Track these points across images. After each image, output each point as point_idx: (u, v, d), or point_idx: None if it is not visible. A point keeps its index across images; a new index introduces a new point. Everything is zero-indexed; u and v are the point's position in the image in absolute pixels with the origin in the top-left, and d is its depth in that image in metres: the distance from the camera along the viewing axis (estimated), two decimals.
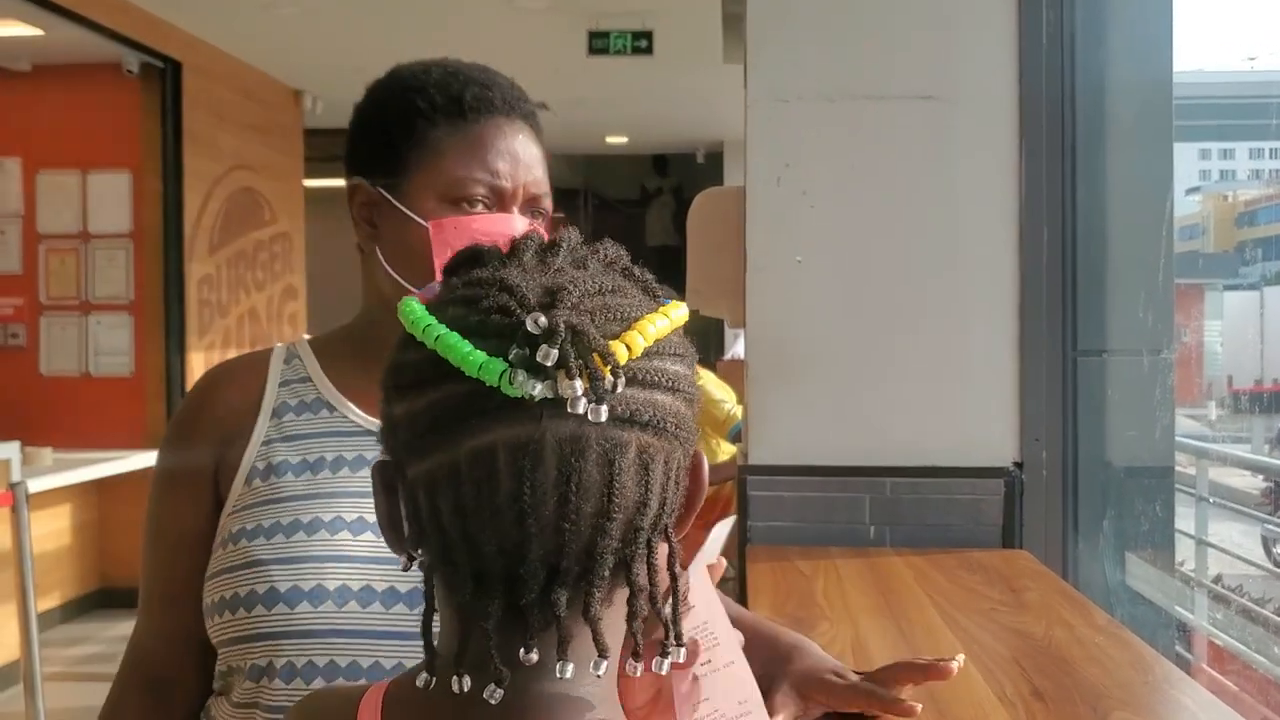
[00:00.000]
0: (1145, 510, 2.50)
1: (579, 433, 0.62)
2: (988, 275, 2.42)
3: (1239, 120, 24.47)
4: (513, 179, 1.16)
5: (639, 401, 0.65)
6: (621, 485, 0.64)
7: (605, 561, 0.64)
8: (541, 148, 1.22)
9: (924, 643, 1.68)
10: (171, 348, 6.06)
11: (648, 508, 0.65)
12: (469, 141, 1.16)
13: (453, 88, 1.17)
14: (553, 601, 0.64)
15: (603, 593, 0.65)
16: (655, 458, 0.65)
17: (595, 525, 0.63)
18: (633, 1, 5.59)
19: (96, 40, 5.48)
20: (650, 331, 0.66)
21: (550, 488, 0.62)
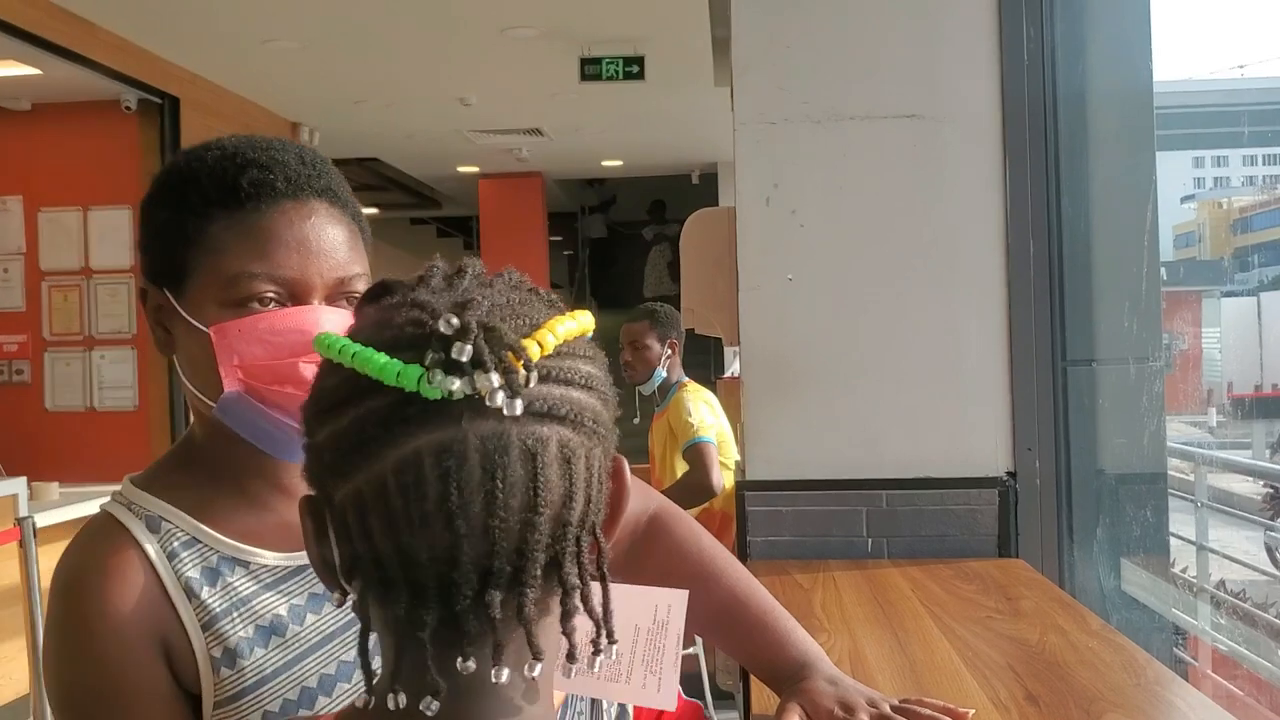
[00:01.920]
0: (1137, 516, 2.53)
1: (500, 430, 0.64)
2: (976, 288, 2.46)
3: (1231, 127, 24.55)
4: (302, 269, 1.02)
5: (555, 397, 0.66)
6: (546, 480, 0.65)
7: (536, 559, 0.65)
8: (349, 224, 1.08)
9: (920, 652, 1.71)
10: (175, 381, 6.09)
11: (574, 504, 0.67)
12: (248, 233, 1.02)
13: (228, 174, 1.04)
14: (487, 604, 0.64)
15: (535, 593, 0.65)
16: (576, 453, 0.67)
17: (524, 522, 0.64)
18: (624, 28, 5.65)
19: (95, 78, 5.53)
20: (560, 330, 0.68)
21: (476, 487, 0.63)
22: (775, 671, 1.29)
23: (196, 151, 1.08)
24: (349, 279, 1.05)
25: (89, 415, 6.07)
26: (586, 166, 9.86)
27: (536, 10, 5.38)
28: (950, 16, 2.49)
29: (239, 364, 1.01)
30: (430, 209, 11.73)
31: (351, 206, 1.10)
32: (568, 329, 0.69)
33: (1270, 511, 7.07)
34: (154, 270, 1.07)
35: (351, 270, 1.06)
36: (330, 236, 1.05)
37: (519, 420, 0.64)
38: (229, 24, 5.54)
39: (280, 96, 7.03)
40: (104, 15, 5.33)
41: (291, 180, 1.04)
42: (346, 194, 1.10)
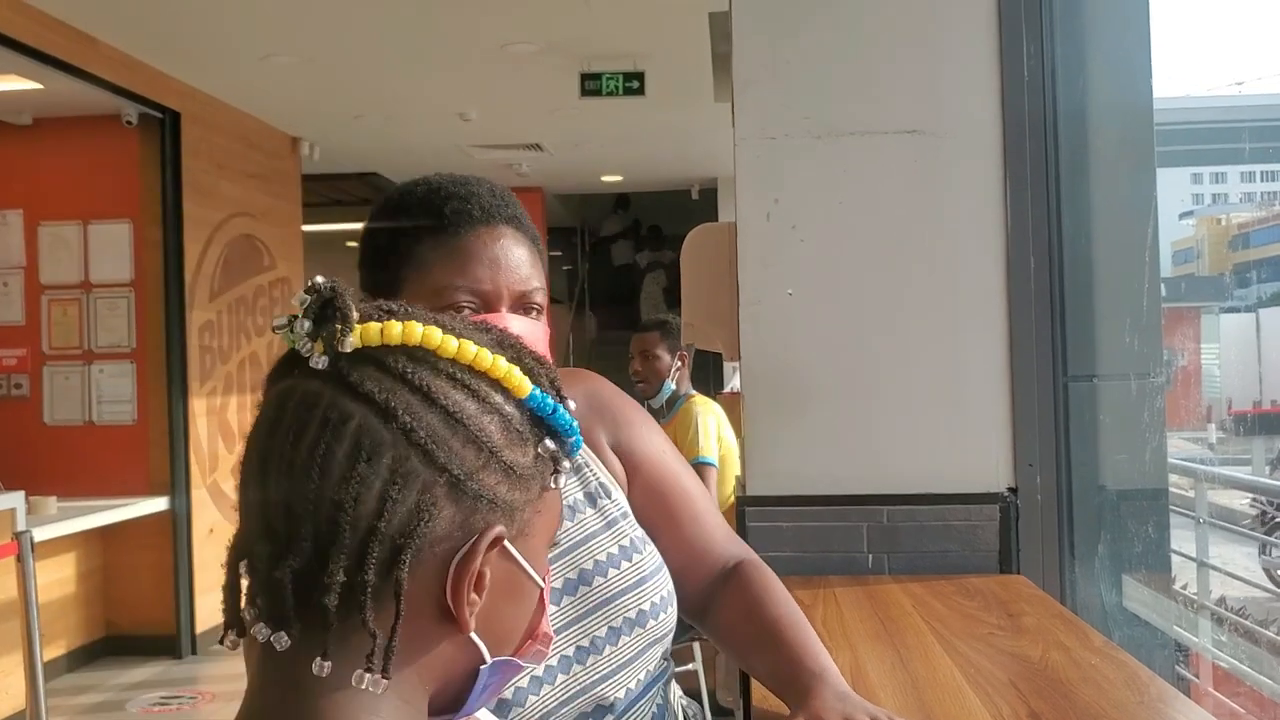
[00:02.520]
0: (1139, 532, 2.52)
1: (317, 390, 0.68)
2: (977, 304, 2.46)
3: (1229, 144, 24.60)
4: (494, 282, 1.23)
5: (376, 382, 0.68)
6: (329, 452, 0.66)
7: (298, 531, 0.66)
8: (529, 246, 1.29)
9: (922, 668, 1.70)
10: (174, 394, 6.09)
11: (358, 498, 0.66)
12: (450, 253, 1.24)
13: (433, 204, 1.26)
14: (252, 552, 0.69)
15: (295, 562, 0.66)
16: (379, 451, 0.66)
17: (294, 484, 0.67)
18: (624, 44, 5.67)
19: (96, 93, 5.54)
20: (419, 334, 0.69)
21: (281, 433, 0.68)
22: (786, 683, 1.30)
23: (408, 186, 1.31)
24: (530, 292, 1.26)
25: (88, 429, 6.07)
26: (586, 182, 9.88)
27: (537, 26, 5.40)
28: (951, 32, 2.50)
29: None
30: None
31: (531, 231, 1.31)
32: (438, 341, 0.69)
33: (1265, 528, 7.07)
34: (371, 283, 1.30)
35: (532, 284, 1.27)
36: (515, 255, 1.26)
37: (334, 388, 0.67)
38: (230, 39, 5.55)
39: (281, 111, 7.04)
40: (105, 30, 5.35)
41: (484, 209, 1.26)
42: (528, 221, 1.31)
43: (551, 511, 0.77)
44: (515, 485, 0.71)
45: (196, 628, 6.16)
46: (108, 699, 5.40)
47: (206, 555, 6.30)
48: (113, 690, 5.52)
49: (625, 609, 1.33)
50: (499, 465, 0.70)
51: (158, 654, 6.01)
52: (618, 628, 1.32)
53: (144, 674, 5.79)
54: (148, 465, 6.05)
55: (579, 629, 1.30)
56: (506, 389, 0.72)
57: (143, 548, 6.00)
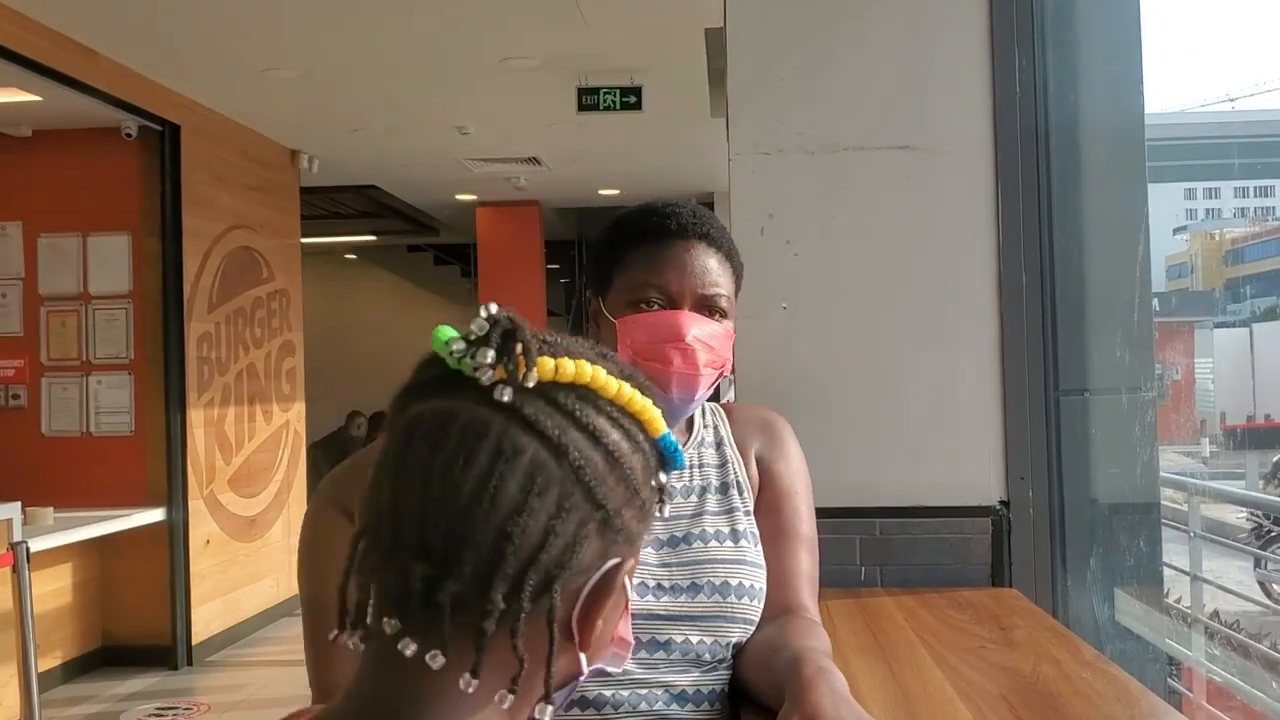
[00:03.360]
0: (1130, 546, 2.54)
1: (487, 419, 0.69)
2: (969, 318, 2.48)
3: (1222, 159, 24.66)
4: (679, 284, 1.47)
5: (549, 418, 0.70)
6: (503, 485, 0.67)
7: (466, 557, 0.67)
8: (721, 258, 1.52)
9: (913, 681, 1.71)
10: (171, 406, 6.10)
11: (524, 534, 0.67)
12: (647, 259, 1.49)
13: (641, 221, 1.52)
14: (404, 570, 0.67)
15: (458, 586, 0.67)
16: (548, 486, 0.68)
17: (467, 511, 0.67)
18: (621, 59, 5.70)
19: (95, 105, 5.56)
20: (588, 373, 0.72)
21: (447, 455, 0.68)
22: (786, 678, 1.32)
23: (628, 210, 1.55)
24: (712, 295, 1.48)
25: (85, 440, 6.08)
26: (584, 195, 9.89)
27: (535, 41, 5.43)
28: (943, 49, 2.52)
29: (631, 344, 1.47)
30: (428, 236, 11.75)
31: (726, 247, 1.53)
32: (601, 381, 0.73)
33: (1260, 543, 7.08)
34: (594, 284, 1.56)
35: (714, 290, 1.49)
36: (701, 264, 1.49)
37: (508, 419, 0.69)
38: (230, 52, 5.58)
39: (280, 124, 7.07)
40: (106, 43, 5.37)
41: (681, 225, 1.49)
42: (724, 239, 1.52)
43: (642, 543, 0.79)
44: (644, 519, 0.75)
45: (193, 639, 6.16)
46: (103, 710, 5.39)
47: (203, 566, 6.30)
48: (108, 701, 5.52)
49: (714, 574, 1.47)
50: (638, 502, 0.74)
51: (154, 665, 6.00)
52: (700, 585, 1.45)
53: (140, 685, 5.78)
54: (145, 476, 6.05)
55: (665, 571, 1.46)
56: (646, 429, 0.76)
57: (139, 558, 6.00)
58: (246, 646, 6.65)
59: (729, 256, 1.53)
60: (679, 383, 1.46)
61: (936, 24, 2.53)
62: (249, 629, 6.85)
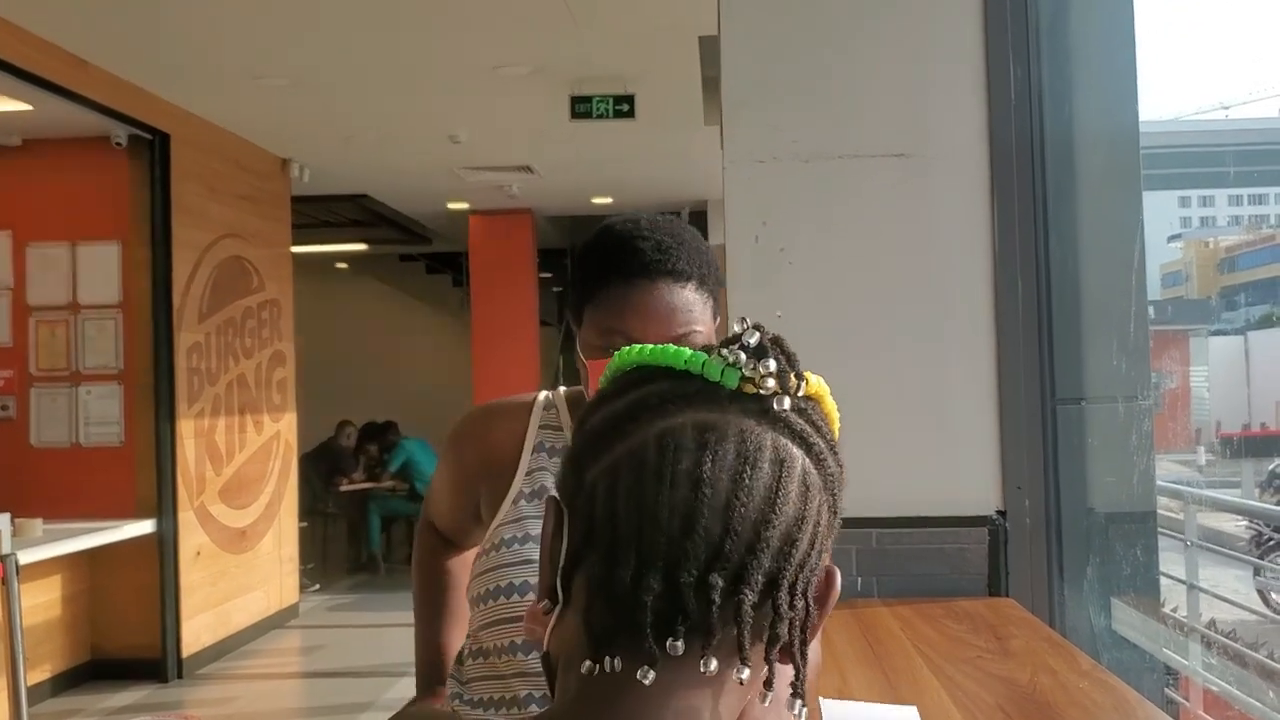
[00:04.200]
0: (1127, 555, 2.52)
1: (758, 430, 0.70)
2: (965, 327, 2.46)
3: (1216, 167, 24.74)
4: (642, 333, 1.42)
5: (808, 430, 0.72)
6: (786, 493, 0.68)
7: (761, 563, 0.67)
8: (693, 289, 1.46)
9: (909, 691, 1.70)
10: (161, 416, 6.07)
11: (802, 536, 0.69)
12: (613, 302, 1.45)
13: (610, 256, 1.48)
14: (710, 585, 0.66)
15: (754, 596, 0.67)
16: (813, 491, 0.70)
17: (761, 520, 0.67)
18: (614, 67, 5.69)
19: (85, 114, 5.54)
20: (822, 385, 0.76)
21: (728, 466, 0.68)
22: None
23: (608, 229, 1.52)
24: (681, 336, 1.42)
25: (74, 451, 6.04)
26: (577, 204, 9.89)
27: (527, 49, 5.42)
28: (938, 57, 2.51)
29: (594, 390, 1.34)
30: (420, 245, 11.73)
31: (697, 275, 1.46)
32: (824, 392, 0.76)
33: (1259, 552, 7.08)
34: (572, 312, 1.56)
35: (682, 329, 1.43)
36: (666, 305, 1.43)
37: (775, 429, 0.71)
38: (220, 61, 5.56)
39: (271, 133, 7.05)
40: (96, 52, 5.36)
41: (644, 265, 1.44)
42: (692, 266, 1.46)
43: None
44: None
45: (183, 651, 6.12)
46: None
47: (193, 578, 6.27)
48: (98, 714, 5.48)
49: None
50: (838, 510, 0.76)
51: (143, 678, 5.96)
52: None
53: (129, 698, 5.74)
54: (134, 487, 6.02)
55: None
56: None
57: (129, 570, 5.96)
58: (237, 659, 6.61)
59: (702, 282, 1.48)
60: None
61: (931, 33, 2.53)
62: (240, 641, 6.81)
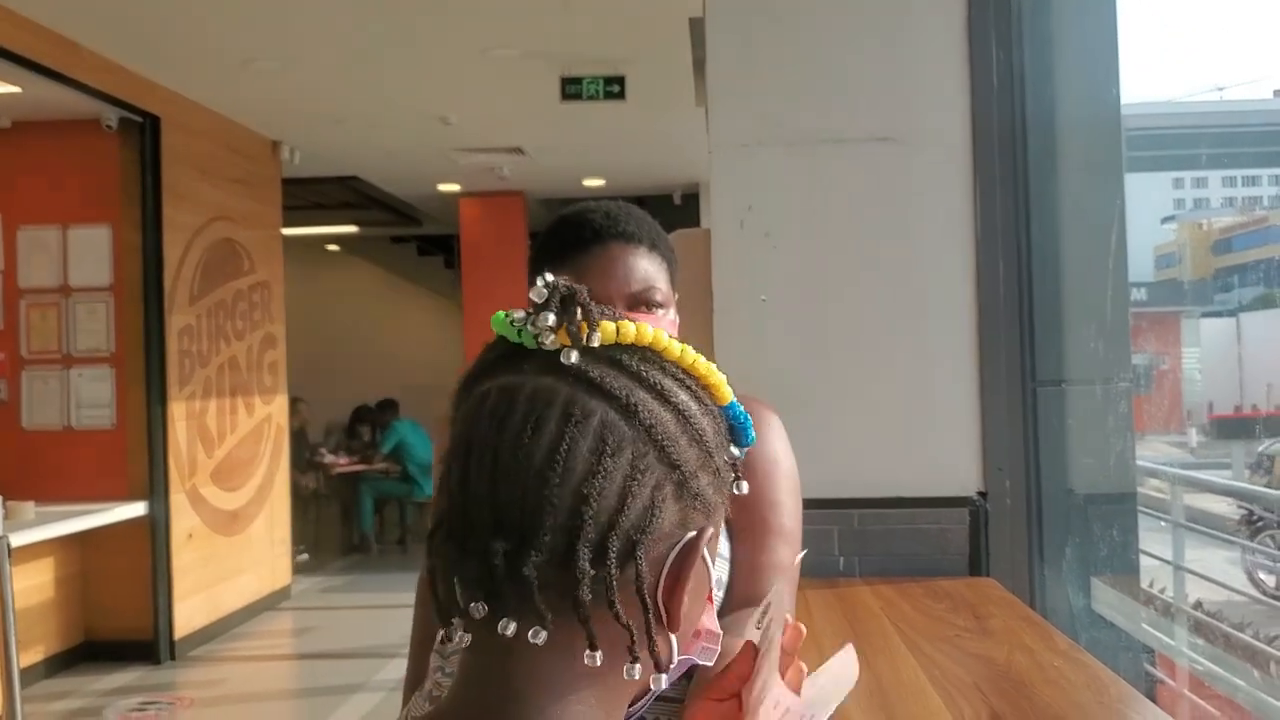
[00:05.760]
0: (1105, 536, 2.55)
1: (553, 386, 0.68)
2: (947, 310, 2.48)
3: (1210, 149, 24.69)
4: (605, 291, 1.46)
5: (616, 379, 0.69)
6: (573, 448, 0.66)
7: (544, 524, 0.65)
8: (645, 251, 1.50)
9: (886, 669, 1.72)
10: (153, 399, 6.07)
11: (600, 496, 0.66)
12: (571, 271, 1.46)
13: (558, 235, 1.51)
14: (491, 551, 0.65)
15: (541, 556, 0.65)
16: (620, 447, 0.67)
17: (540, 478, 0.66)
18: (604, 48, 5.68)
19: (76, 96, 5.53)
20: (649, 334, 0.72)
21: (514, 426, 0.67)
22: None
23: (552, 223, 1.54)
24: (642, 291, 1.47)
25: (66, 434, 6.05)
26: (568, 186, 9.88)
27: (517, 31, 5.41)
28: (921, 42, 2.52)
29: None
30: (411, 227, 11.71)
31: (649, 238, 1.51)
32: (666, 345, 0.73)
33: (1248, 533, 7.12)
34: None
35: (640, 285, 1.47)
36: (624, 264, 1.48)
37: (574, 383, 0.68)
38: (210, 44, 5.55)
39: (261, 115, 7.04)
40: (86, 35, 5.34)
41: (595, 230, 1.49)
42: (643, 230, 1.51)
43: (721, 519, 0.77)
44: (719, 487, 0.74)
45: (175, 633, 6.15)
46: (85, 705, 5.38)
47: (185, 560, 6.29)
48: (90, 696, 5.50)
49: None
50: (711, 467, 0.72)
51: (136, 660, 5.98)
52: None
53: (122, 679, 5.77)
54: (126, 470, 6.03)
55: None
56: (714, 394, 0.76)
57: (121, 553, 5.98)
58: (229, 641, 6.64)
59: (653, 246, 1.53)
60: None
61: (915, 18, 2.54)
62: (231, 623, 6.83)
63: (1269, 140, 20.51)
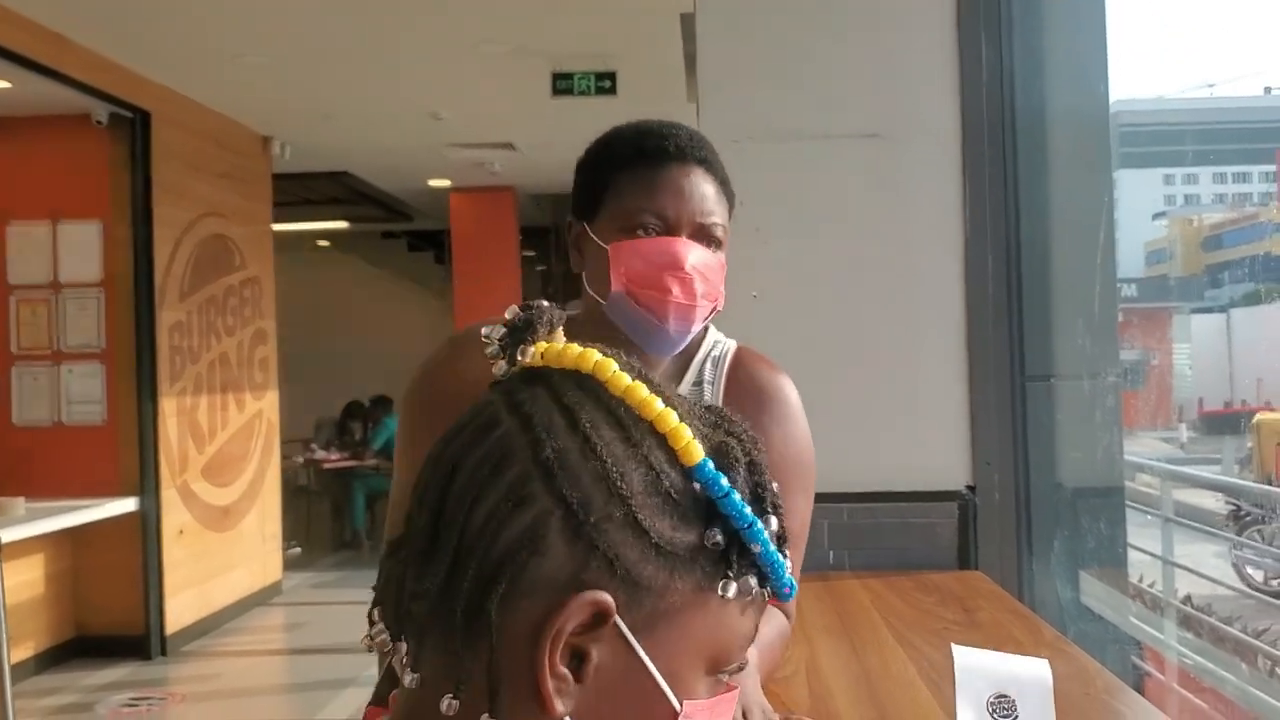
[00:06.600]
0: (1093, 529, 2.57)
1: (488, 398, 0.66)
2: (937, 305, 2.49)
3: (1202, 145, 24.75)
4: (676, 210, 1.40)
5: (533, 397, 0.63)
6: (469, 456, 0.62)
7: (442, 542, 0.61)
8: (717, 186, 1.45)
9: (875, 662, 1.73)
10: (144, 395, 6.06)
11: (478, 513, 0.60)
12: (642, 183, 1.42)
13: (635, 141, 1.44)
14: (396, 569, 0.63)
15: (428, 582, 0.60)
16: (507, 463, 0.61)
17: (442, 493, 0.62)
18: (595, 44, 5.69)
19: (65, 92, 5.51)
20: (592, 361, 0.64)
21: (449, 436, 0.66)
22: None
23: (618, 127, 1.48)
24: (710, 225, 1.42)
25: (57, 430, 6.04)
26: (560, 181, 9.88)
27: (507, 26, 5.41)
28: (910, 38, 2.53)
29: (624, 272, 1.40)
30: (401, 222, 11.69)
31: (721, 174, 1.46)
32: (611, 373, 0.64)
33: (1236, 527, 7.15)
34: (578, 207, 1.49)
35: (712, 218, 1.42)
36: (701, 190, 1.41)
37: (502, 398, 0.64)
38: (201, 39, 5.54)
39: (252, 111, 7.02)
40: (76, 30, 5.33)
41: (679, 148, 1.42)
42: (719, 165, 1.46)
43: (720, 625, 0.63)
44: (649, 557, 0.60)
45: (166, 629, 6.14)
46: (76, 700, 5.37)
47: (176, 556, 6.28)
48: (81, 692, 5.50)
49: None
50: (630, 523, 0.59)
51: (127, 655, 5.98)
52: None
53: (113, 675, 5.76)
54: (117, 466, 6.02)
55: None
56: (672, 449, 0.62)
57: (112, 549, 5.97)
58: (220, 636, 6.64)
59: (724, 184, 1.48)
60: (676, 313, 1.39)
61: (904, 13, 2.55)
62: (223, 619, 6.83)
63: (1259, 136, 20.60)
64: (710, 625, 0.62)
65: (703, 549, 0.61)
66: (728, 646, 0.64)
